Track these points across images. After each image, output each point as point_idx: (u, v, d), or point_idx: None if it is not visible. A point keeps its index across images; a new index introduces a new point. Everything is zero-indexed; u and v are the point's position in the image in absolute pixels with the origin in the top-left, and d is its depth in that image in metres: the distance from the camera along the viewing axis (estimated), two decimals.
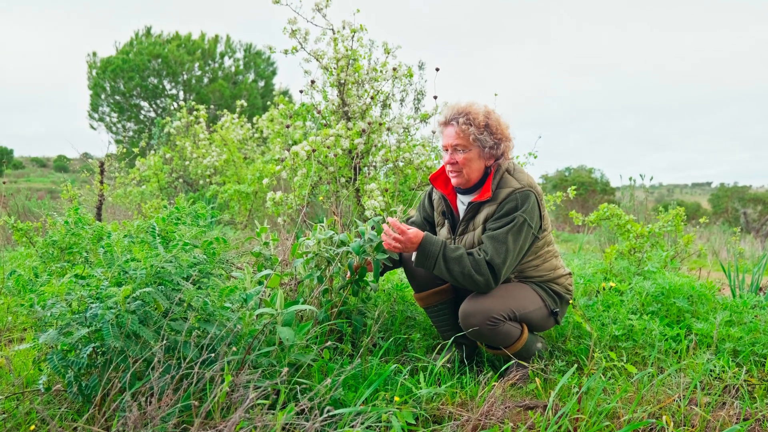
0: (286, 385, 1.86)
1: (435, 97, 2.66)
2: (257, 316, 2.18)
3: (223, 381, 1.73)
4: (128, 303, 1.92)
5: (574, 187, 4.23)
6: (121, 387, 1.81)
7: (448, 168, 2.45)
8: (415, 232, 2.33)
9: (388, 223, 2.38)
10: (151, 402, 1.64)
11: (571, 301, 2.56)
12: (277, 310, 2.15)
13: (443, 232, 2.61)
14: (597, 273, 3.52)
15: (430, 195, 2.75)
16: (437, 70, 2.71)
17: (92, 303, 1.97)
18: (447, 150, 2.44)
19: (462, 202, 2.54)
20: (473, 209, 2.44)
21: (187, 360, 1.71)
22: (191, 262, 2.26)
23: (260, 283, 2.53)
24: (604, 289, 2.82)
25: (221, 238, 2.53)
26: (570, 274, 2.66)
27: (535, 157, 4.73)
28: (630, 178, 4.98)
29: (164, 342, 1.70)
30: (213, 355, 1.82)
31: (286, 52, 5.24)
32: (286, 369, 1.71)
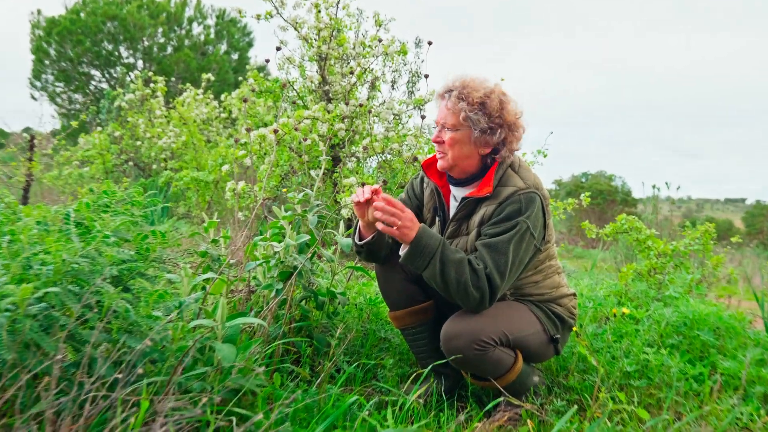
0: (217, 416, 1.75)
1: (426, 76, 2.54)
2: (193, 328, 2.08)
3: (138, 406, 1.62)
4: (30, 305, 1.80)
5: (588, 194, 4.16)
6: (18, 407, 1.69)
7: (436, 149, 2.37)
8: (413, 215, 2.21)
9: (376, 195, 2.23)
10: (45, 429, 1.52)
11: (575, 329, 2.47)
12: (217, 322, 2.05)
13: None
14: (610, 296, 3.45)
15: (422, 180, 2.62)
16: (430, 44, 2.60)
17: None
18: (437, 127, 2.36)
19: (455, 198, 2.45)
20: (468, 207, 2.34)
21: (95, 379, 1.59)
22: (117, 258, 2.15)
23: (203, 288, 2.43)
24: (615, 315, 2.74)
25: (159, 232, 2.41)
26: (574, 294, 2.58)
27: (545, 156, 4.67)
28: (654, 186, 4.91)
29: (64, 355, 1.58)
30: (131, 374, 1.71)
31: (258, 17, 5.13)
32: (217, 397, 1.60)
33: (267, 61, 2.53)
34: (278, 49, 2.55)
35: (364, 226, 2.42)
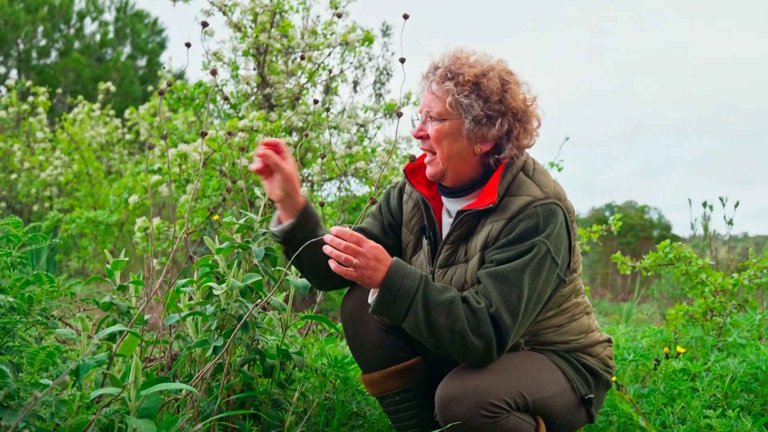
0: None
1: (403, 61, 2.54)
2: (96, 399, 2.04)
3: None
4: None
5: (618, 216, 4.20)
6: None
7: (420, 147, 2.37)
8: (379, 249, 2.17)
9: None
10: None
11: (614, 379, 2.46)
12: (129, 391, 2.01)
13: (419, 263, 2.50)
14: (655, 346, 3.46)
15: (400, 192, 2.63)
16: (406, 17, 2.62)
17: None
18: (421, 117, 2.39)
19: (449, 212, 2.44)
20: (466, 224, 2.33)
21: None
22: None
23: (108, 350, 2.40)
24: (667, 356, 2.74)
25: (45, 275, 2.38)
26: (609, 341, 2.59)
27: (560, 170, 4.73)
28: (704, 204, 4.98)
29: None
30: None
31: None
32: None
33: (188, 45, 2.50)
34: (204, 25, 2.53)
35: (282, 207, 2.41)
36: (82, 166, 9.02)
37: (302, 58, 4.92)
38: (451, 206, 2.43)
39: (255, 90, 5.70)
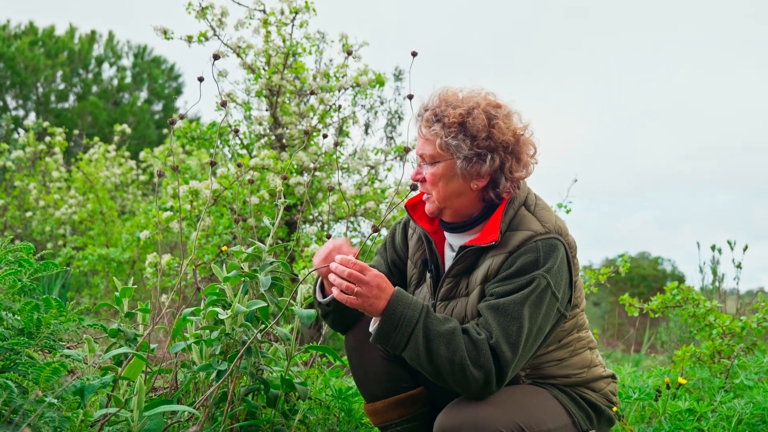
0: None
1: (411, 97, 2.58)
2: (100, 419, 2.05)
3: None
4: None
5: (625, 257, 4.21)
6: None
7: (421, 189, 2.40)
8: (381, 278, 2.19)
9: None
10: None
11: (615, 409, 2.45)
12: (131, 411, 2.03)
13: (422, 296, 2.51)
14: (662, 386, 3.44)
15: (405, 227, 2.65)
16: (414, 55, 2.67)
17: None
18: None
19: (451, 247, 2.46)
20: (467, 258, 2.35)
21: None
22: None
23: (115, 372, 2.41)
24: (668, 387, 2.72)
25: (53, 299, 2.41)
26: (613, 377, 2.57)
27: (568, 211, 4.75)
28: (713, 248, 4.97)
29: None
30: None
31: (190, 39, 5.30)
32: None
33: (201, 79, 2.55)
34: (216, 57, 2.59)
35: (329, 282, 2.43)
36: (96, 205, 9.08)
37: (312, 93, 4.97)
38: (454, 241, 2.45)
39: (267, 131, 5.78)
